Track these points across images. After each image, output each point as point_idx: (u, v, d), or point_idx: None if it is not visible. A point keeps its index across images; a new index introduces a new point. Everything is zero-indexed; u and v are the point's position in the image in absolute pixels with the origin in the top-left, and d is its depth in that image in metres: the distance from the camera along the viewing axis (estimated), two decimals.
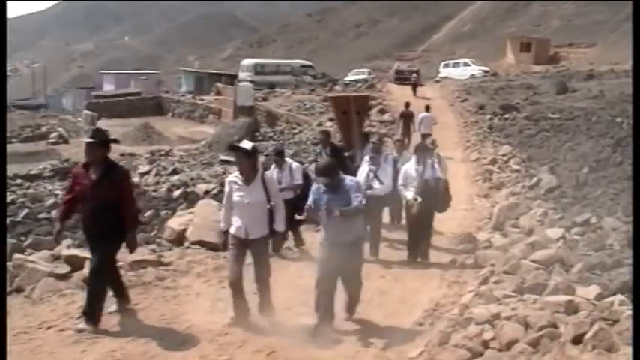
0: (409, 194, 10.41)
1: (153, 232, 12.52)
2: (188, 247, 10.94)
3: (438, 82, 50.60)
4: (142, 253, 9.98)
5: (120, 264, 9.20)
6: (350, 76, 55.29)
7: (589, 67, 47.99)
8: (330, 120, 28.61)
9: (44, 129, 41.24)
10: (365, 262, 9.91)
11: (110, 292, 7.49)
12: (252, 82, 49.38)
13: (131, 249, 7.70)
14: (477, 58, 63.74)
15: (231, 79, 52.61)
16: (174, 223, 11.93)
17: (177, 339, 6.98)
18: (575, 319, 5.99)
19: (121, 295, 7.69)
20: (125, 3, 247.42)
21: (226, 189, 7.63)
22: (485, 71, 54.15)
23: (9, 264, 8.86)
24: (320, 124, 31.40)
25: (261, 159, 20.72)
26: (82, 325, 7.05)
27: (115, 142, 7.93)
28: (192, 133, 39.92)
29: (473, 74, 52.55)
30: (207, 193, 15.81)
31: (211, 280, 9.16)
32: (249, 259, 7.52)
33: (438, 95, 39.12)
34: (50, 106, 67.53)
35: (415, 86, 39.74)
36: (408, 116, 24.27)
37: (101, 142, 7.23)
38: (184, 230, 11.41)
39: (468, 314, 6.90)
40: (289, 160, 11.32)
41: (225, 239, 7.64)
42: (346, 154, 13.02)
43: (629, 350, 5.18)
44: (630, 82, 21.62)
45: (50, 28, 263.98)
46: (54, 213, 14.42)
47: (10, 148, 30.60)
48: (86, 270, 8.72)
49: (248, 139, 11.27)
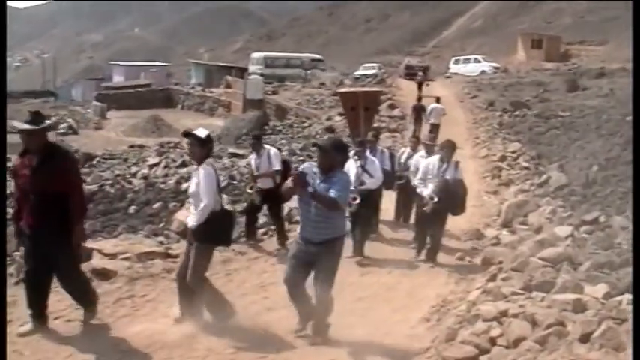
0: (426, 192, 10.14)
1: (161, 224, 12.56)
2: None
3: (448, 77, 50.50)
4: (150, 244, 10.02)
5: (128, 255, 9.25)
6: (360, 71, 55.19)
7: (600, 64, 47.68)
8: (340, 114, 28.54)
9: (53, 119, 41.29)
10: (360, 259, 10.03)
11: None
12: (262, 75, 49.39)
13: (77, 246, 6.85)
14: (488, 54, 63.39)
15: (241, 72, 52.62)
16: (182, 215, 11.92)
17: (182, 330, 6.97)
18: (583, 317, 5.99)
19: (87, 304, 6.97)
20: None
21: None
22: (496, 68, 53.94)
23: (17, 253, 8.87)
24: (329, 118, 31.38)
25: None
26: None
27: (54, 129, 7.35)
28: (201, 125, 39.88)
29: (483, 70, 52.41)
30: None
31: (218, 273, 9.15)
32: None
33: (447, 91, 38.96)
34: (60, 97, 67.70)
35: (421, 84, 34.36)
36: (419, 109, 25.77)
37: (41, 128, 6.37)
38: None
39: (475, 311, 6.89)
40: (267, 146, 11.02)
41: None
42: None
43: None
44: None
45: (60, 18, 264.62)
46: None
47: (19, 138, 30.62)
48: (95, 261, 8.77)
49: (257, 132, 11.17)
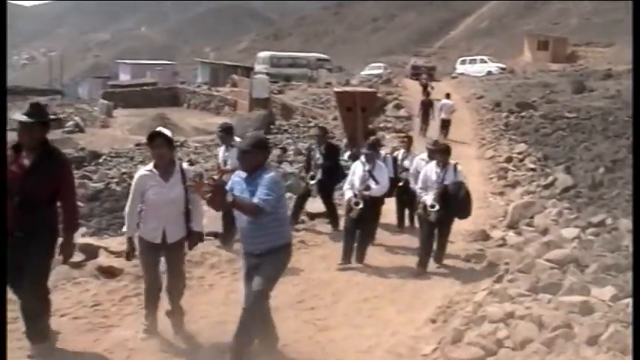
0: (427, 200, 9.90)
1: None
2: None
3: (454, 78, 50.47)
4: None
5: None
6: (366, 71, 55.19)
7: (607, 66, 47.51)
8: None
9: (60, 116, 41.32)
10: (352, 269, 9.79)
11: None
12: (268, 74, 49.39)
13: (66, 257, 6.29)
14: (494, 55, 63.27)
15: (247, 71, 52.70)
16: None
17: (190, 330, 6.97)
18: (590, 320, 5.97)
19: (34, 336, 5.98)
20: None
21: (134, 186, 6.40)
22: (502, 68, 53.84)
23: None
24: (335, 117, 31.34)
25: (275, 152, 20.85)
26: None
27: (56, 120, 6.53)
28: (207, 124, 39.92)
29: (489, 71, 52.29)
30: None
31: (225, 272, 9.17)
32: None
33: (453, 92, 38.87)
34: (66, 95, 67.84)
35: (425, 87, 33.94)
36: (427, 105, 26.52)
37: (40, 121, 5.78)
38: None
39: (481, 312, 6.87)
40: (238, 139, 10.08)
41: (131, 247, 6.47)
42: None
43: None
44: None
45: (66, 17, 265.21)
46: None
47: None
48: (101, 259, 8.78)
49: (263, 131, 10.96)
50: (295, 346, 6.72)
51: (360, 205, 9.78)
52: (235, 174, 6.05)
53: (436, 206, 9.70)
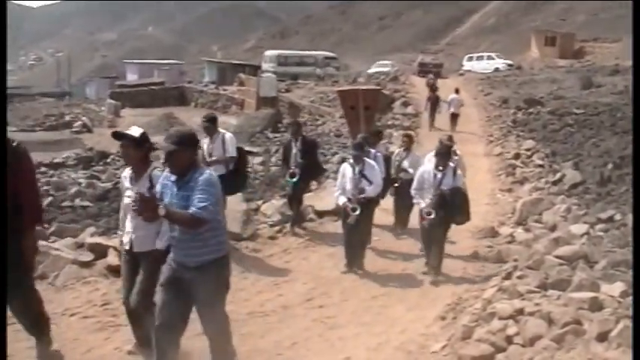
0: (423, 204, 9.54)
1: None
2: None
3: (461, 75, 50.41)
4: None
5: None
6: (373, 69, 55.11)
7: (614, 62, 47.31)
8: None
9: (68, 117, 41.42)
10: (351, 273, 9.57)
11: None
12: (275, 73, 49.34)
13: (28, 256, 5.61)
14: (501, 51, 63.14)
15: (254, 70, 52.64)
16: None
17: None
18: (600, 316, 5.94)
19: (38, 334, 5.83)
20: None
21: (121, 187, 6.11)
22: (510, 65, 53.80)
23: None
24: (342, 116, 31.34)
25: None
26: None
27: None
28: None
29: (497, 68, 52.24)
30: None
31: (232, 272, 9.15)
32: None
33: (461, 88, 38.79)
34: (74, 95, 67.98)
35: (432, 87, 32.07)
36: (434, 100, 27.81)
37: None
38: None
39: (491, 309, 6.85)
40: (223, 130, 10.23)
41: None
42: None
43: None
44: None
45: (74, 17, 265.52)
46: (77, 201, 14.59)
47: (35, 136, 30.93)
48: (110, 258, 8.79)
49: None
50: (305, 344, 6.73)
51: (357, 212, 9.43)
52: (163, 177, 5.30)
53: (432, 213, 9.33)
